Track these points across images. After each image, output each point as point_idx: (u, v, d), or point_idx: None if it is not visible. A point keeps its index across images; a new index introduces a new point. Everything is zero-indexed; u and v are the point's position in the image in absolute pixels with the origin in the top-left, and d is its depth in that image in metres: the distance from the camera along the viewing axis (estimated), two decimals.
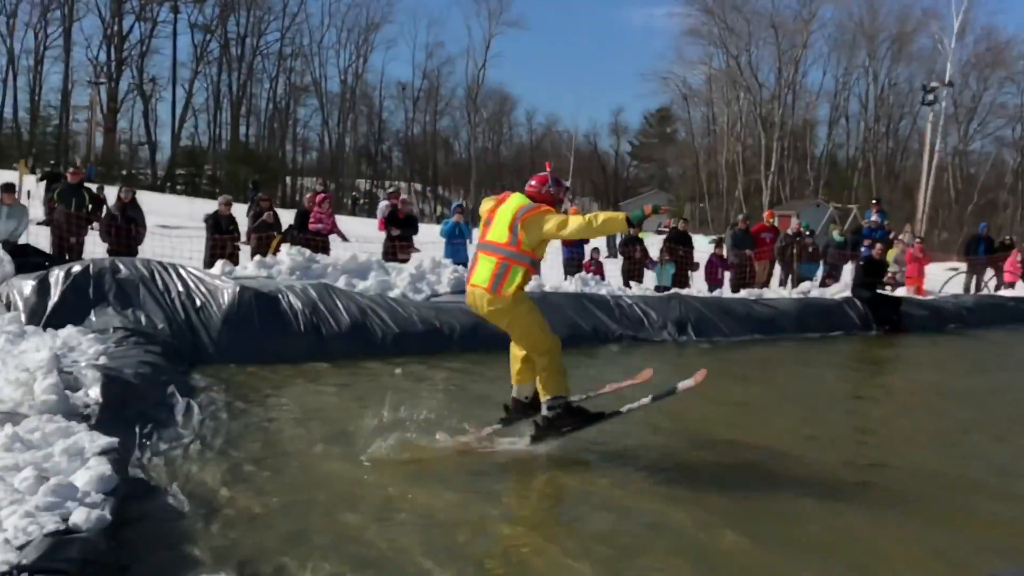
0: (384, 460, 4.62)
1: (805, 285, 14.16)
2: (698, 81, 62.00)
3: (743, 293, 13.29)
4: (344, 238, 12.80)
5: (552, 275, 13.20)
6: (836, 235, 17.28)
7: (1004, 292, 17.23)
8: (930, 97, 35.58)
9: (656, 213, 5.03)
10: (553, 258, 14.83)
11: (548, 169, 5.32)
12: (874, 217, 17.19)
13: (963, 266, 19.34)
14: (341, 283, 8.82)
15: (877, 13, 55.44)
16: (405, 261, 10.92)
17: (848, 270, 15.74)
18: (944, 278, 18.70)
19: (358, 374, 7.15)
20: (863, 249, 15.25)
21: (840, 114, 60.88)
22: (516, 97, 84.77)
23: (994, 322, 13.82)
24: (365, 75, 66.28)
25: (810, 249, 16.26)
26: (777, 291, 14.39)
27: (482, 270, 4.97)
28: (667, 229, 8.08)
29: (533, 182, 5.16)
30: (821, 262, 16.29)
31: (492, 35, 63.52)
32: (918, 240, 18.23)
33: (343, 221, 23.05)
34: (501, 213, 5.03)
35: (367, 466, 4.57)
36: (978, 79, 54.45)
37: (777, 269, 16.45)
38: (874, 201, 18.40)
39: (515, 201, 5.03)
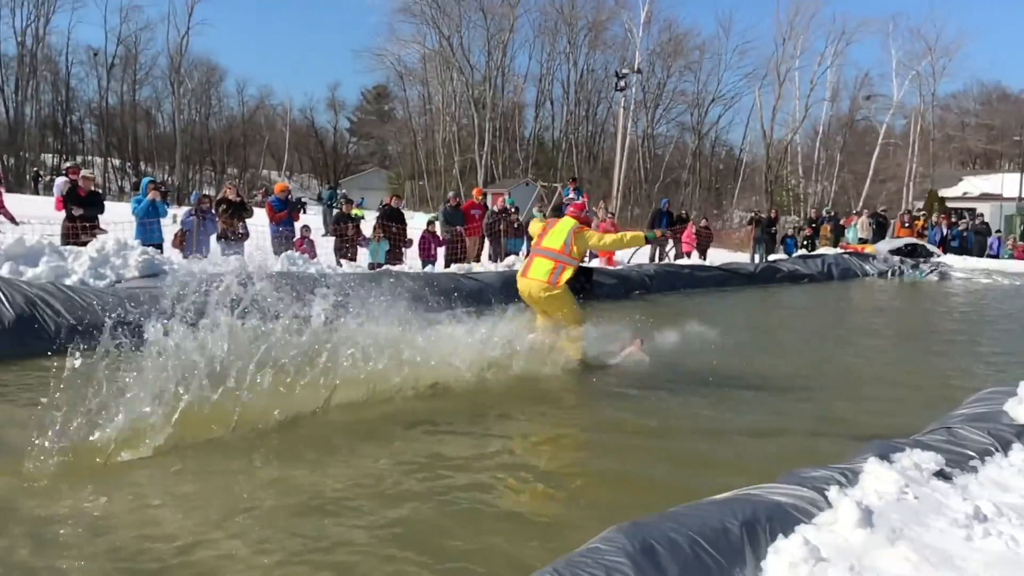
0: (49, 470, 4.15)
1: (510, 259, 14.81)
2: (413, 60, 62.51)
3: (453, 268, 13.69)
4: (14, 220, 11.36)
5: (259, 254, 12.67)
6: (535, 212, 18.21)
7: (681, 261, 19.21)
8: (622, 83, 38.59)
9: (663, 236, 7.76)
10: (261, 236, 14.29)
11: (585, 199, 8.02)
12: (571, 195, 18.34)
13: None
14: (4, 271, 7.84)
15: (575, 1, 59.09)
16: (87, 244, 9.92)
17: None
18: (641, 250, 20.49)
19: (24, 374, 6.37)
20: None
21: (545, 97, 64.30)
22: (225, 68, 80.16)
23: (672, 288, 15.24)
24: (48, 37, 59.33)
25: (516, 225, 17.04)
26: (486, 265, 14.93)
27: (540, 268, 7.15)
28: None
29: (571, 209, 7.67)
30: (525, 237, 17.11)
31: (195, 0, 59.37)
32: (610, 215, 19.77)
33: (23, 201, 20.52)
34: (556, 229, 7.31)
35: (27, 479, 4.07)
36: (662, 67, 60.10)
37: (488, 244, 17.07)
38: (571, 180, 19.65)
39: (567, 223, 7.32)
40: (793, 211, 50.99)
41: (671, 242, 20.75)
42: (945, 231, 24.59)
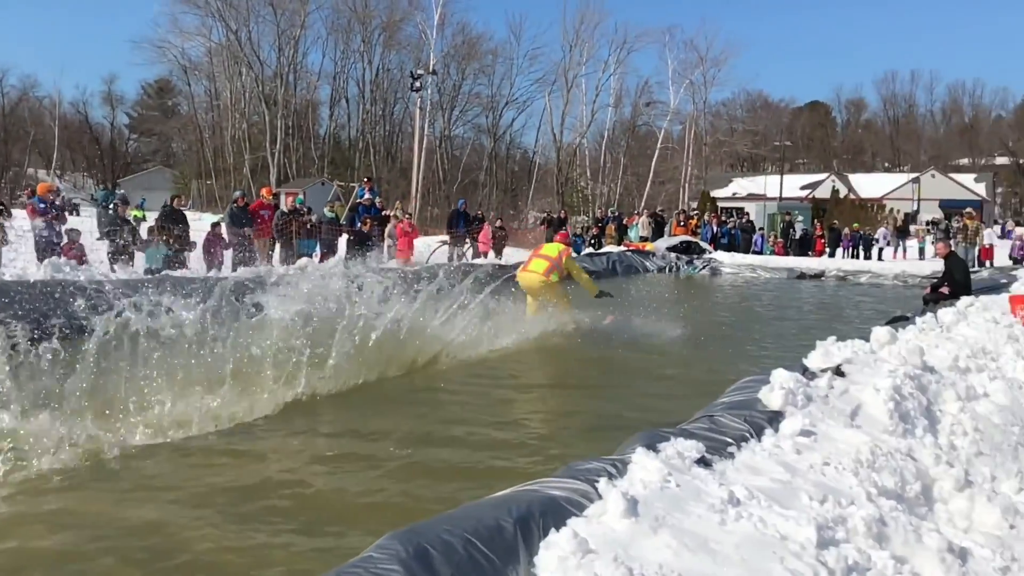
0: None
1: (303, 261, 14.40)
2: (198, 53, 59.41)
3: (241, 272, 13.11)
4: None
5: (19, 261, 11.56)
6: (327, 211, 17.85)
7: (478, 261, 19.49)
8: (417, 84, 38.66)
9: (608, 296, 10.38)
10: (24, 240, 13.07)
11: (569, 230, 14.56)
12: (367, 194, 18.14)
13: (448, 238, 21.46)
14: None
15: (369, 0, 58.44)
16: None
17: (343, 244, 16.42)
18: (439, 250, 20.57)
19: None
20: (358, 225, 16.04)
21: (340, 96, 63.28)
22: None
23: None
24: None
25: (308, 226, 16.61)
26: (278, 269, 14.43)
27: (537, 265, 9.78)
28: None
29: (557, 238, 10.70)
30: (319, 238, 16.73)
31: None
32: (407, 216, 19.74)
33: None
34: (551, 245, 10.18)
35: None
36: (457, 69, 60.80)
37: (279, 247, 16.50)
38: (366, 180, 19.37)
39: (558, 245, 10.14)
40: (583, 211, 53.24)
41: (468, 242, 21.07)
42: (715, 229, 26.59)
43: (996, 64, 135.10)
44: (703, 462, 3.66)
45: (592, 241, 25.16)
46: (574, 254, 12.12)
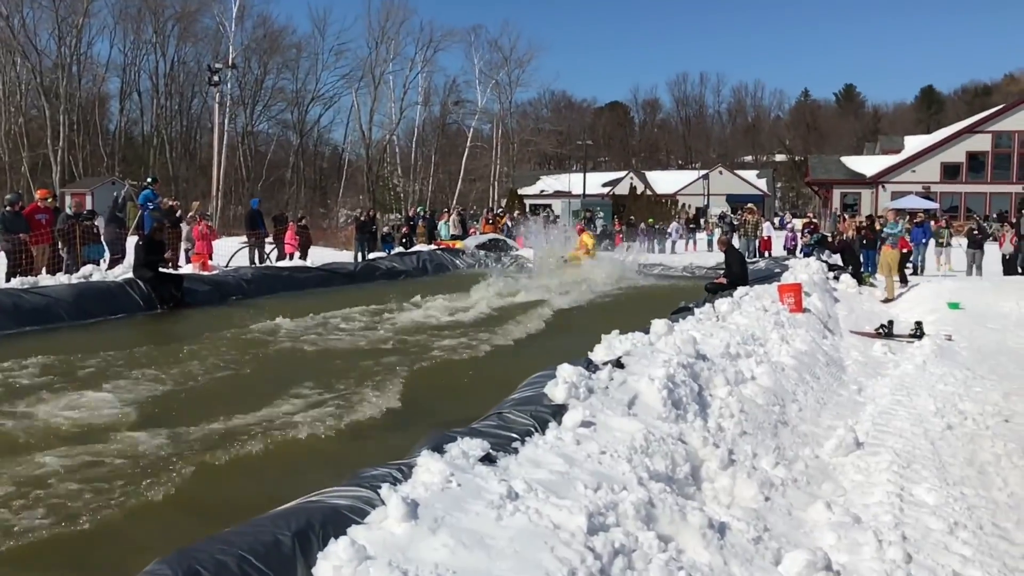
0: None
1: (87, 268, 13.43)
2: None
3: (15, 282, 12.06)
4: None
5: None
6: (119, 214, 16.73)
7: (283, 263, 18.94)
8: (216, 78, 37.00)
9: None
10: None
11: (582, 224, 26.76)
12: (161, 200, 17.11)
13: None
14: None
15: None
16: None
17: (131, 250, 15.42)
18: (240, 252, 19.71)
19: None
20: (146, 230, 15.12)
21: (131, 89, 59.48)
22: None
23: (273, 290, 14.83)
24: None
25: (95, 231, 15.50)
26: (59, 278, 13.38)
27: (577, 251, 20.22)
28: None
29: (577, 227, 23.31)
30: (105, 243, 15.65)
31: None
32: (205, 217, 18.85)
33: None
34: (582, 237, 21.24)
35: None
36: (259, 64, 58.69)
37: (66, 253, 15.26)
38: (149, 180, 18.21)
39: (586, 235, 21.78)
40: (395, 209, 52.99)
41: (272, 243, 20.41)
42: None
43: (774, 68, 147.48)
44: (488, 459, 3.77)
45: (403, 240, 25.07)
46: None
